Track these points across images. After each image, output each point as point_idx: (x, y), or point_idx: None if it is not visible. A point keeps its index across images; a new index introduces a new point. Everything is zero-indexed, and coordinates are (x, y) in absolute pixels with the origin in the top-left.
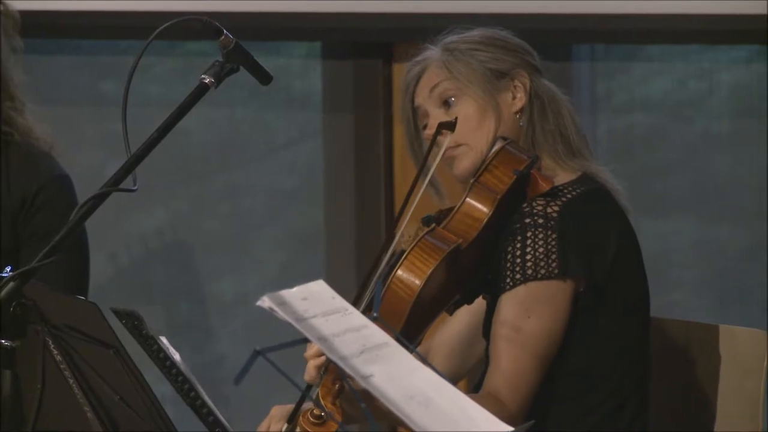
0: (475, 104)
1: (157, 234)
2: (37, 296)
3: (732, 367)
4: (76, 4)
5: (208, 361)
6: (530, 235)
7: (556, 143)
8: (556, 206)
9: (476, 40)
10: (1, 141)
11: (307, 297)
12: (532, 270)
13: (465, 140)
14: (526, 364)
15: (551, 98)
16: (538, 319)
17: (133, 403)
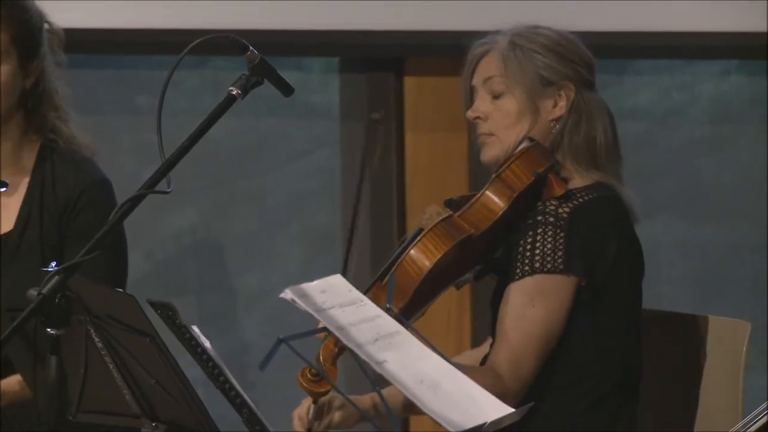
0: (517, 104)
1: (188, 233)
2: (80, 289)
3: (715, 355)
4: (114, 22)
5: (236, 348)
6: (540, 232)
7: (580, 154)
8: (567, 208)
9: (540, 42)
10: (47, 148)
11: (325, 290)
12: (539, 263)
13: (498, 132)
14: (527, 347)
15: (590, 114)
16: (541, 308)
17: (167, 387)
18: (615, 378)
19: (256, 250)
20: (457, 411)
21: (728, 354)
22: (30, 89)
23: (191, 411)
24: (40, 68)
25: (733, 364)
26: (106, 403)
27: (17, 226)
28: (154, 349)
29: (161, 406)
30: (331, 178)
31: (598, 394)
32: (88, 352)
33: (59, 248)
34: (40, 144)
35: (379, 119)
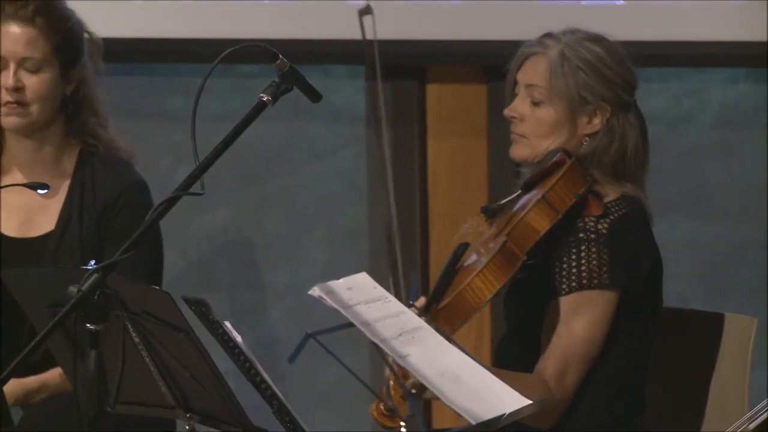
0: (554, 115)
1: (220, 233)
2: (118, 286)
3: (722, 349)
4: (150, 32)
5: (266, 342)
6: (584, 249)
7: (608, 169)
8: (605, 223)
9: (587, 58)
10: (86, 152)
11: (351, 287)
12: (587, 279)
13: (530, 137)
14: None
15: (623, 134)
16: (587, 322)
17: (201, 379)
18: (632, 376)
19: (285, 249)
20: (477, 402)
21: (735, 349)
22: (70, 96)
23: (223, 402)
24: (80, 76)
25: (740, 359)
26: (142, 395)
27: (58, 227)
28: (188, 344)
29: (195, 398)
30: (357, 179)
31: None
32: (125, 347)
33: (98, 247)
34: (80, 148)
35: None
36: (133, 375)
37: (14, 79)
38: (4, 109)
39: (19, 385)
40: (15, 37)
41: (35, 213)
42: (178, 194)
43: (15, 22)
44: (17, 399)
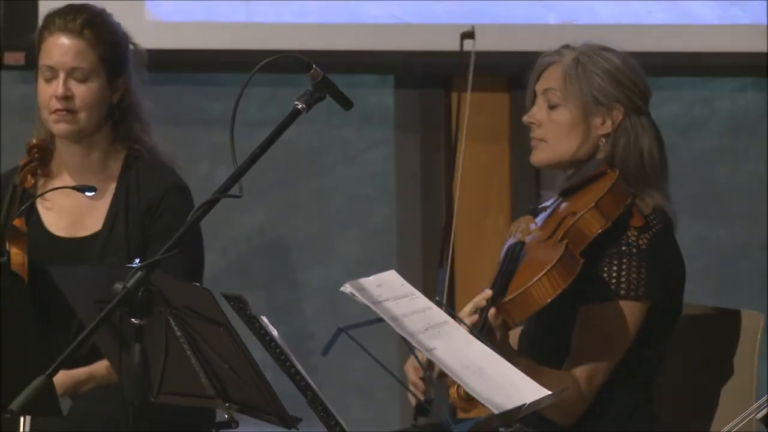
0: (570, 116)
1: (257, 232)
2: (161, 283)
3: (731, 343)
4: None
5: (300, 336)
6: (626, 261)
7: (630, 173)
8: (646, 239)
9: (601, 65)
10: (131, 156)
11: (381, 284)
12: (624, 290)
13: (549, 140)
14: (602, 363)
15: (636, 136)
16: (619, 329)
17: (239, 371)
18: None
19: (318, 248)
20: (500, 393)
21: (743, 342)
22: (116, 104)
23: (260, 393)
24: (125, 85)
25: (748, 352)
26: (184, 386)
27: (105, 227)
28: (227, 337)
29: (234, 389)
30: (386, 181)
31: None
32: (168, 340)
33: (142, 247)
34: (125, 153)
35: (469, 33)
36: (175, 367)
37: (64, 88)
38: (54, 117)
39: (68, 377)
40: (64, 49)
41: (83, 214)
42: (218, 196)
43: (64, 35)
44: (66, 389)
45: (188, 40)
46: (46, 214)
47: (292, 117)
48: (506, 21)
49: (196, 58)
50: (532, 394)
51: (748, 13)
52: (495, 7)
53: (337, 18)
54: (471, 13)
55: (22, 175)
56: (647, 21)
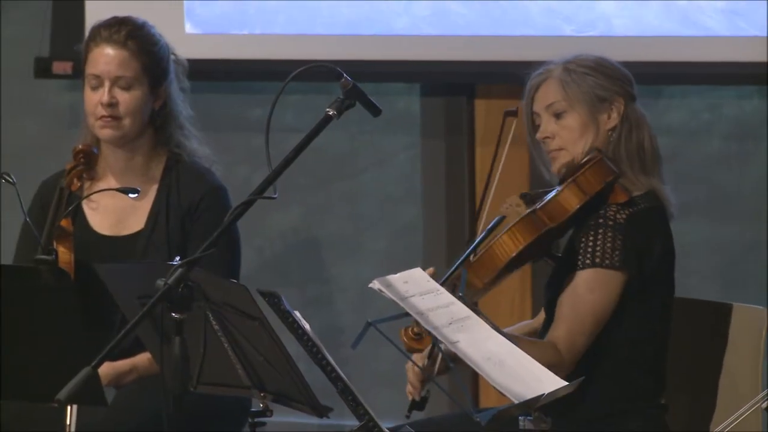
0: (579, 119)
1: (292, 231)
2: (200, 280)
3: (737, 338)
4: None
5: (331, 330)
6: (602, 232)
7: (633, 159)
8: (624, 215)
9: (590, 65)
10: (172, 159)
11: (407, 280)
12: (600, 259)
13: (566, 146)
14: (582, 327)
15: (638, 123)
16: (597, 295)
17: (274, 363)
18: (645, 360)
19: (349, 247)
20: (520, 384)
21: (749, 337)
22: (158, 110)
23: (294, 383)
24: (166, 93)
25: (753, 346)
26: (221, 377)
27: (147, 226)
28: (262, 331)
29: (268, 379)
30: (413, 183)
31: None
32: (206, 334)
33: (182, 245)
34: (166, 156)
35: (513, 112)
36: (213, 359)
37: (109, 95)
38: (100, 123)
39: (112, 368)
40: (109, 59)
41: (127, 214)
42: (254, 198)
43: (109, 45)
44: (110, 380)
45: (226, 50)
46: (91, 214)
47: (324, 123)
48: (526, 33)
49: (234, 67)
50: (551, 385)
51: (753, 25)
52: (515, 20)
53: (366, 30)
54: (492, 25)
55: (69, 179)
56: (658, 33)
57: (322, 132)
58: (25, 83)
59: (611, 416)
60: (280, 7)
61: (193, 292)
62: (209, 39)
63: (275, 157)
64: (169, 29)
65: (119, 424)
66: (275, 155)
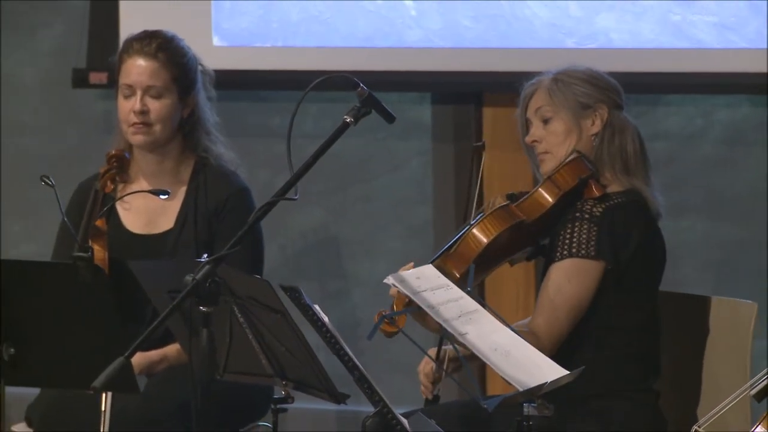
0: (564, 125)
1: (312, 230)
2: (226, 275)
3: (727, 330)
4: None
5: (348, 322)
6: (578, 225)
7: (615, 162)
8: (600, 208)
9: (578, 76)
10: (200, 163)
11: (419, 276)
12: (576, 249)
13: (551, 150)
14: (561, 315)
15: (621, 129)
16: (574, 284)
17: (295, 353)
18: (633, 348)
19: (365, 245)
20: (524, 373)
21: (739, 329)
22: (187, 118)
23: (313, 372)
24: (194, 101)
25: (743, 337)
26: (246, 366)
27: (176, 226)
28: (284, 323)
29: (290, 368)
30: (424, 186)
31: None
32: (232, 326)
33: (209, 243)
34: (194, 160)
35: (480, 146)
36: (238, 349)
37: (141, 103)
38: (132, 129)
39: (144, 358)
40: (141, 69)
41: (158, 214)
42: (276, 199)
43: (141, 57)
44: (142, 369)
45: (251, 62)
46: (124, 214)
47: (342, 129)
48: (530, 45)
49: (257, 78)
50: (553, 374)
51: (743, 38)
52: (520, 34)
53: (380, 42)
54: (498, 38)
55: (103, 181)
56: (654, 45)
57: (339, 138)
58: (64, 93)
59: (599, 399)
60: (300, 21)
61: (220, 287)
62: (234, 51)
63: (296, 162)
64: (197, 42)
65: (151, 410)
66: (296, 161)
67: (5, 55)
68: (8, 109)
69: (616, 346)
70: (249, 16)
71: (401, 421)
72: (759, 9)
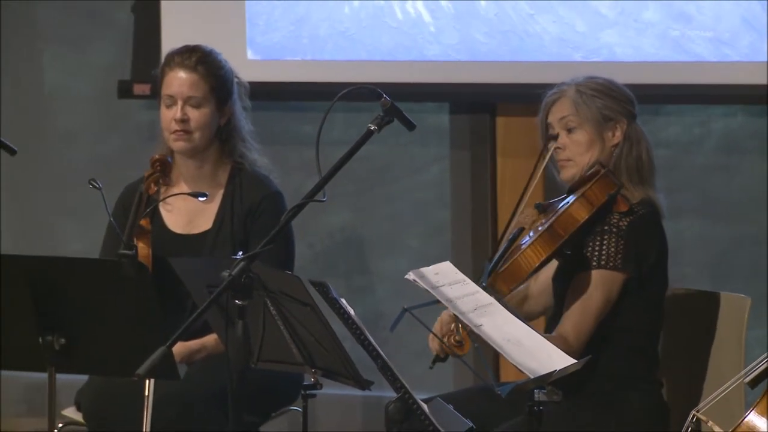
0: (587, 136)
1: (339, 230)
2: (260, 272)
3: (723, 322)
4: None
5: (372, 315)
6: (607, 238)
7: (632, 172)
8: (626, 222)
9: (599, 88)
10: (236, 168)
11: (438, 272)
12: (605, 261)
13: (573, 158)
14: (587, 319)
15: (637, 140)
16: (600, 293)
17: (323, 343)
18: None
19: (388, 243)
20: (535, 361)
21: (734, 321)
22: (224, 126)
23: (340, 360)
24: (231, 110)
25: (737, 329)
26: (278, 355)
27: (214, 226)
28: (313, 316)
29: (318, 357)
30: (443, 190)
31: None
32: (265, 318)
33: (245, 242)
34: (231, 165)
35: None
36: (270, 339)
37: (181, 113)
38: (173, 136)
39: (184, 347)
40: (182, 81)
41: (197, 215)
42: (305, 201)
43: (182, 69)
44: (182, 357)
45: (282, 74)
46: (166, 215)
47: (366, 136)
48: (540, 59)
49: (288, 89)
50: (562, 362)
51: (737, 52)
52: (531, 48)
53: (402, 56)
54: (510, 52)
55: (147, 184)
56: (654, 59)
57: (364, 144)
58: (111, 103)
59: (614, 390)
60: (328, 36)
61: (254, 282)
62: (268, 64)
63: (324, 166)
64: (233, 56)
65: (190, 395)
66: (324, 165)
67: (57, 68)
68: (59, 118)
69: (627, 343)
70: (281, 32)
71: (421, 405)
72: (752, 25)
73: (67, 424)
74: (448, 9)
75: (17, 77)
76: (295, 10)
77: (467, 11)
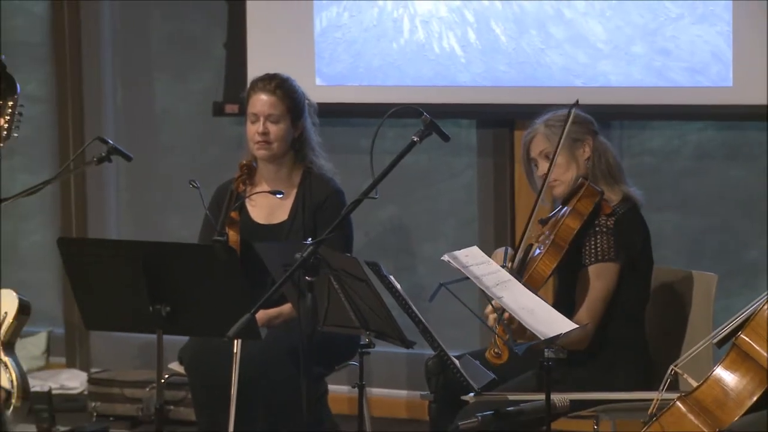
0: (564, 158)
1: (389, 220)
2: (325, 254)
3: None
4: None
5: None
6: (599, 237)
7: (606, 176)
8: (612, 221)
9: (560, 119)
10: (306, 172)
11: (468, 255)
12: (600, 256)
13: (559, 178)
14: (597, 305)
15: (603, 150)
16: (602, 281)
17: (376, 311)
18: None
19: (428, 232)
20: (544, 326)
21: (703, 295)
22: (297, 138)
23: (389, 324)
24: (302, 126)
25: (706, 302)
26: (340, 320)
27: (289, 217)
28: (367, 289)
29: (372, 322)
30: (471, 190)
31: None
32: (329, 291)
33: (313, 230)
34: (302, 169)
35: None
36: (334, 308)
37: (263, 127)
38: (257, 146)
39: (264, 314)
40: (264, 102)
41: (276, 209)
42: (362, 198)
43: (264, 93)
44: (263, 322)
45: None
46: (251, 209)
47: (410, 147)
48: (549, 84)
49: (349, 108)
50: (566, 327)
51: (708, 79)
52: (542, 76)
53: (440, 82)
54: (525, 79)
55: (236, 184)
56: (641, 84)
57: (408, 153)
58: (207, 120)
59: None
60: (380, 66)
61: (320, 263)
62: (332, 89)
63: (377, 171)
64: (304, 82)
65: (270, 353)
66: (377, 169)
67: (164, 92)
68: (166, 132)
69: (623, 312)
70: (342, 63)
71: (454, 361)
72: (719, 58)
73: (172, 375)
74: (476, 45)
75: (134, 100)
76: (354, 46)
77: (491, 47)
